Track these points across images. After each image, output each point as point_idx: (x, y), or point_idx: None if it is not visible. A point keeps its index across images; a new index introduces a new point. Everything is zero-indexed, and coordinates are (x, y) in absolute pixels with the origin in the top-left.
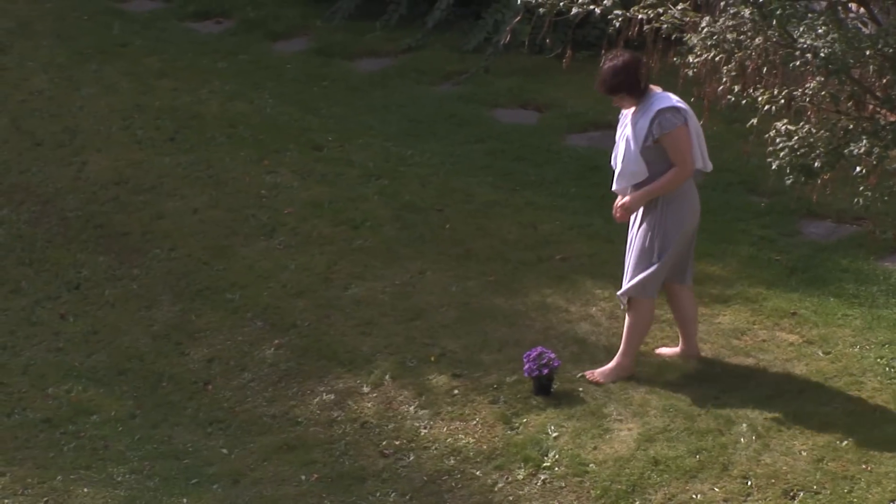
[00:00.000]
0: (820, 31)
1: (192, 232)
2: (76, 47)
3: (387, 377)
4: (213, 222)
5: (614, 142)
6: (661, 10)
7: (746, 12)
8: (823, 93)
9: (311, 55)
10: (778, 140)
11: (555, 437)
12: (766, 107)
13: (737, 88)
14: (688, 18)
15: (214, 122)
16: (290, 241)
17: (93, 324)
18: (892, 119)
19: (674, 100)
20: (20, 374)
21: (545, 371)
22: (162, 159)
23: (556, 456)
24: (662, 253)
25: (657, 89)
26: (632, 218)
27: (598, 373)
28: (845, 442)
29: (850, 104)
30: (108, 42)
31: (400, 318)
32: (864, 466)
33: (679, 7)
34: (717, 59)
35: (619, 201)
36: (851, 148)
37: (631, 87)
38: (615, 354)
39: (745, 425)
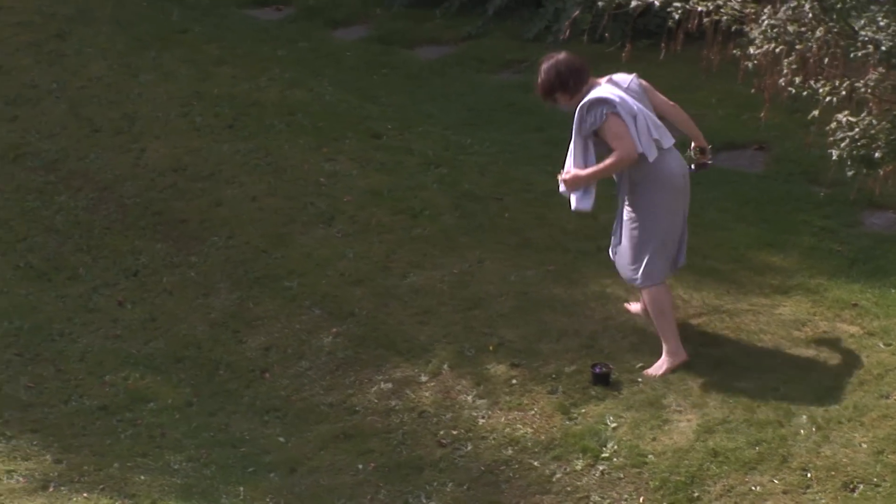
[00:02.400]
0: (882, 23)
1: (251, 219)
2: (135, 34)
3: (445, 366)
4: (272, 210)
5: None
6: (720, 2)
7: (807, 4)
8: (885, 84)
9: (370, 43)
10: (839, 131)
11: (613, 428)
12: (828, 98)
13: (798, 80)
14: (748, 10)
15: (273, 109)
16: (349, 230)
17: (150, 311)
18: None
19: (598, 92)
20: (77, 362)
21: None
22: (220, 147)
23: (615, 447)
24: (652, 237)
25: (599, 82)
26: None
27: (652, 370)
28: None
29: None
30: (168, 29)
31: (458, 307)
32: None
33: None
34: (777, 50)
35: (563, 174)
36: None
37: (562, 85)
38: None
39: (804, 417)
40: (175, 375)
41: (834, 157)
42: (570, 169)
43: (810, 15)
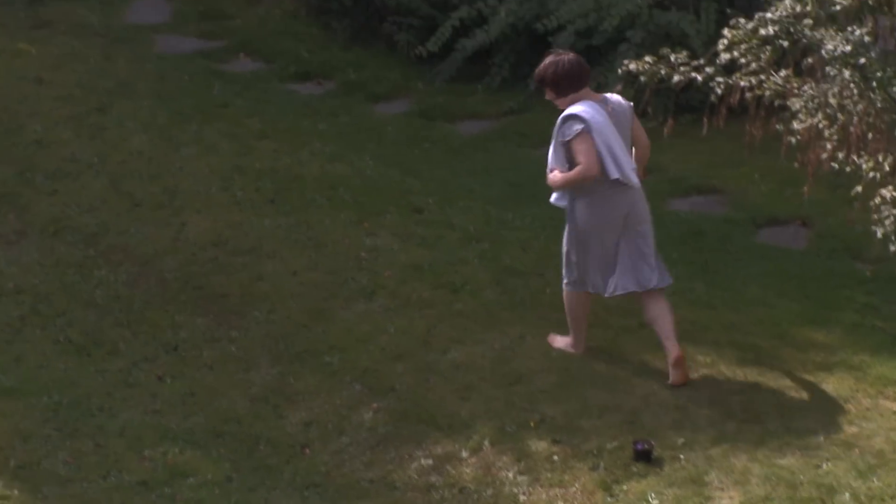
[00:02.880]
0: None
1: (292, 294)
2: (176, 108)
3: (486, 442)
4: (313, 284)
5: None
6: (763, 77)
7: (847, 73)
8: None
9: (412, 117)
10: (883, 207)
11: None
12: (871, 174)
13: (841, 155)
14: (791, 84)
15: (314, 183)
16: (390, 304)
17: (190, 386)
18: None
19: (581, 108)
20: (116, 437)
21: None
22: (261, 221)
23: None
24: (579, 250)
25: (592, 95)
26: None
27: (557, 341)
28: None
29: None
30: (209, 103)
31: (499, 382)
32: None
33: (782, 73)
34: (820, 124)
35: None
36: None
37: (553, 84)
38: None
39: (847, 494)
40: (215, 450)
41: (878, 235)
42: (550, 168)
43: (852, 86)
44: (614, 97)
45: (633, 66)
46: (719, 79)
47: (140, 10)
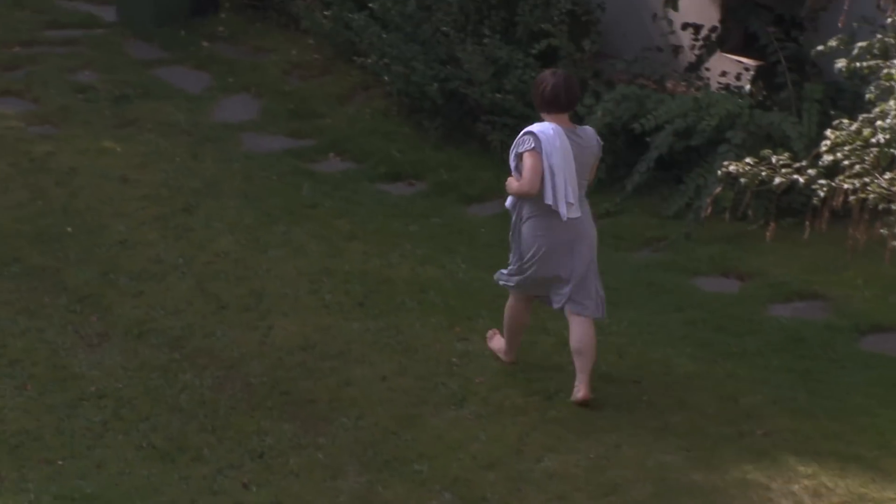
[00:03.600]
0: None
1: (380, 400)
2: (264, 208)
3: None
4: (402, 390)
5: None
6: (867, 180)
7: None
8: None
9: (505, 219)
10: None
11: None
12: None
13: None
14: (895, 188)
15: (405, 286)
16: (481, 411)
17: (276, 494)
18: None
19: (541, 128)
20: None
21: None
22: (350, 325)
23: None
24: (517, 259)
25: (565, 122)
26: None
27: (493, 342)
28: None
29: None
30: (297, 203)
31: (594, 492)
32: None
33: (886, 176)
34: None
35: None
36: None
37: (535, 97)
38: None
39: None
40: None
41: None
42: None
43: None
44: (588, 131)
45: (732, 168)
46: (822, 181)
47: (228, 108)
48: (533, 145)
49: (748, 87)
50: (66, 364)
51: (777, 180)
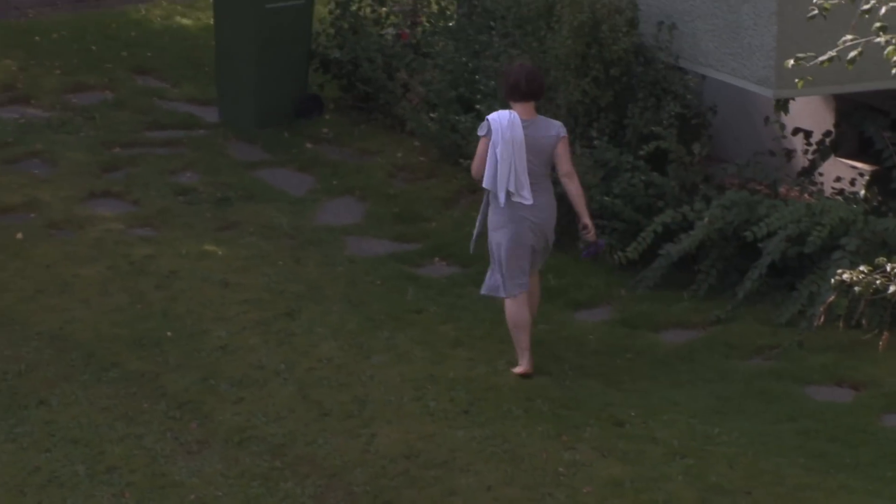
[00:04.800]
0: None
1: None
2: (368, 313)
3: None
4: (508, 500)
5: None
6: None
7: None
8: None
9: (614, 325)
10: None
11: None
12: None
13: None
14: None
15: (511, 394)
16: None
17: None
18: None
19: (499, 116)
20: None
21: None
22: (455, 433)
23: None
24: (494, 259)
25: (527, 112)
26: None
27: (515, 369)
28: None
29: None
30: (401, 308)
31: None
32: None
33: None
34: None
35: None
36: None
37: (504, 88)
38: None
39: None
40: None
41: None
42: None
43: None
44: (550, 122)
45: (846, 276)
46: None
47: (332, 211)
48: (485, 132)
49: (863, 192)
50: (165, 471)
51: (892, 289)
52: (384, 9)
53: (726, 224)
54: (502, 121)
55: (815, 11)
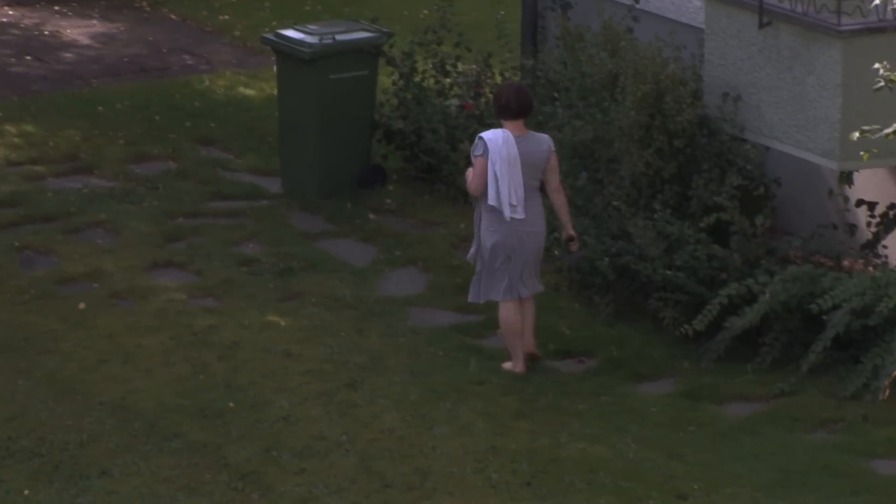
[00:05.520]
0: None
1: None
2: (430, 384)
3: None
4: None
5: None
6: None
7: None
8: None
9: (677, 398)
10: None
11: None
12: None
13: None
14: None
15: (573, 466)
16: None
17: None
18: None
19: (493, 134)
20: None
21: None
22: None
23: None
24: (482, 263)
25: (519, 129)
26: None
27: (505, 365)
28: None
29: None
30: (464, 380)
31: None
32: None
33: None
34: None
35: None
36: None
37: (495, 107)
38: None
39: None
40: None
41: None
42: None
43: None
44: (540, 137)
45: None
46: None
47: (394, 282)
48: (482, 152)
49: None
50: None
51: None
52: (448, 80)
53: (790, 297)
54: (497, 139)
55: (881, 83)
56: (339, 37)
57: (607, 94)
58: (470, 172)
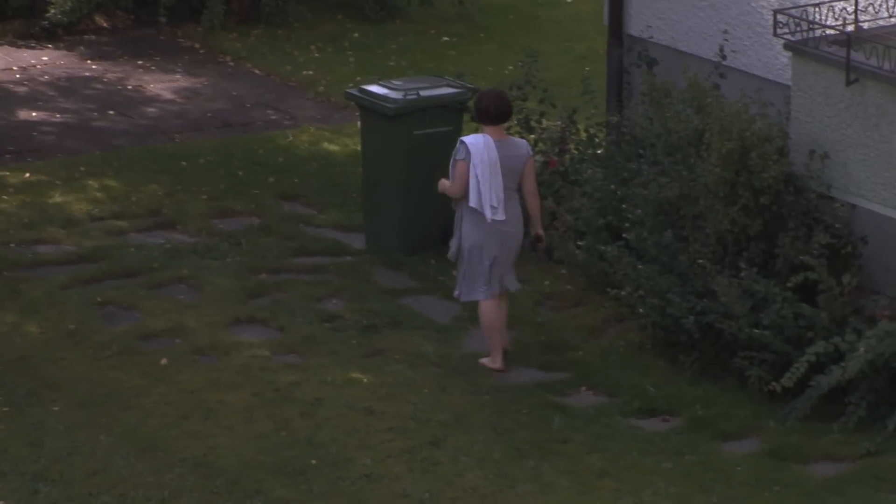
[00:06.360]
0: None
1: None
2: (513, 442)
3: None
4: None
5: None
6: None
7: None
8: None
9: (762, 457)
10: None
11: None
12: None
13: None
14: None
15: None
16: None
17: None
18: None
19: (474, 139)
20: None
21: None
22: None
23: None
24: (462, 263)
25: (498, 134)
26: None
27: (483, 360)
28: None
29: None
30: (547, 438)
31: None
32: None
33: None
34: None
35: None
36: None
37: (475, 112)
38: None
39: None
40: None
41: None
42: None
43: None
44: (518, 142)
45: None
46: None
47: (477, 339)
48: (464, 156)
49: None
50: None
51: None
52: (532, 136)
53: (877, 355)
54: (478, 143)
55: None
56: (423, 92)
57: (693, 151)
58: (444, 182)
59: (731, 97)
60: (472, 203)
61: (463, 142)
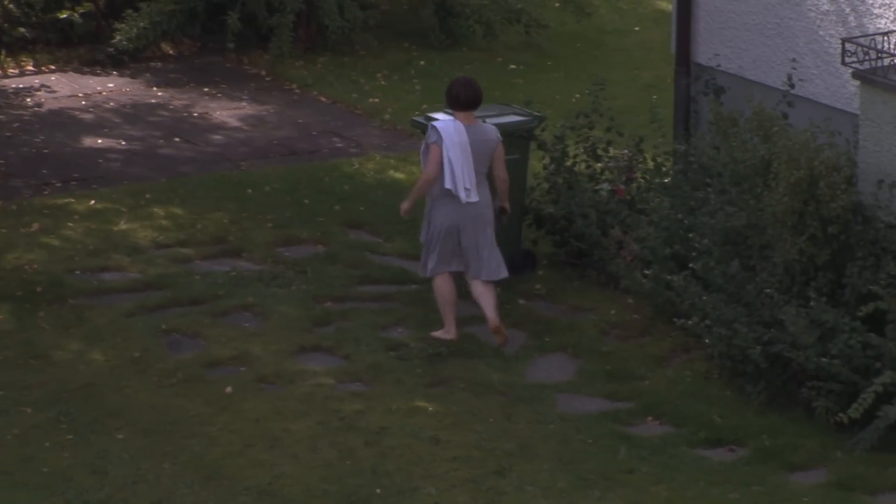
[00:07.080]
0: None
1: None
2: (578, 472)
3: None
4: None
5: None
6: None
7: None
8: None
9: (829, 488)
10: None
11: None
12: None
13: None
14: None
15: None
16: None
17: None
18: None
19: (441, 121)
20: None
21: None
22: None
23: None
24: (429, 241)
25: (469, 119)
26: None
27: (436, 333)
28: None
29: None
30: (613, 468)
31: None
32: None
33: None
34: None
35: None
36: None
37: (447, 98)
38: None
39: None
40: None
41: None
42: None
43: None
44: (487, 127)
45: None
46: None
47: (543, 368)
48: (435, 139)
49: None
50: None
51: None
52: (599, 164)
53: None
54: (448, 127)
55: None
56: (490, 120)
57: (760, 180)
58: (417, 183)
59: (799, 126)
60: (447, 184)
61: (434, 126)
